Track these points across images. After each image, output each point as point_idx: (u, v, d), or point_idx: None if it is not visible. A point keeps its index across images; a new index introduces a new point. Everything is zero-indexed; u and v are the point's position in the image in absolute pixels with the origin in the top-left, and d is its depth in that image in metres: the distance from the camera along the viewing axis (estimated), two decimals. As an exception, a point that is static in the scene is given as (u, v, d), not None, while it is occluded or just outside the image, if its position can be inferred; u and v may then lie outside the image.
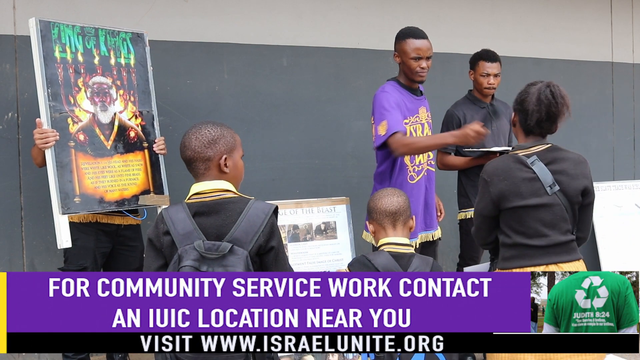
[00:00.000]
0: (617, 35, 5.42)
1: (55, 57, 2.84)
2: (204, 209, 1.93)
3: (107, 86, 3.01)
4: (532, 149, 2.44)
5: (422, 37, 3.14)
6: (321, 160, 4.31)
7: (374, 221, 2.49)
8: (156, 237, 1.94)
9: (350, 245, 3.44)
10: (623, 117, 5.46)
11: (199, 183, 1.99)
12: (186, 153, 1.99)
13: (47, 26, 2.84)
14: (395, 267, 2.32)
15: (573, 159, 2.43)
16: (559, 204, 2.37)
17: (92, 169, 2.89)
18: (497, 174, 2.42)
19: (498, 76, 3.75)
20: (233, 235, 1.89)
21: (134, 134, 3.08)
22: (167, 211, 1.95)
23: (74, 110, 2.87)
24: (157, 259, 1.95)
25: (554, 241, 2.36)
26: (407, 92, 3.19)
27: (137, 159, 3.07)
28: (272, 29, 4.19)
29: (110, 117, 3.00)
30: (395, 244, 2.42)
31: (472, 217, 3.70)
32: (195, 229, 1.90)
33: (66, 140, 2.83)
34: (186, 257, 1.86)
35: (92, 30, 3.00)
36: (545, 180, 2.36)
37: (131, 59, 3.13)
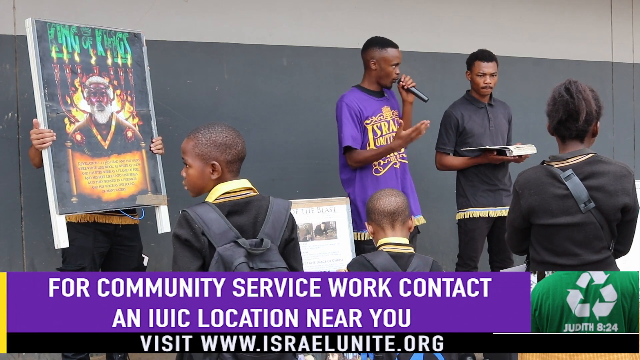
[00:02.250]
0: (617, 35, 5.42)
1: (51, 57, 2.83)
2: (237, 208, 1.98)
3: (104, 86, 3.00)
4: (569, 160, 2.25)
5: (396, 46, 3.47)
6: (321, 160, 4.31)
7: (372, 222, 2.47)
8: (194, 238, 1.92)
9: (350, 246, 3.44)
10: (623, 117, 5.46)
11: (225, 183, 2.02)
12: (243, 152, 2.07)
13: (44, 26, 2.83)
14: (394, 267, 2.31)
15: (614, 173, 2.20)
16: (593, 222, 2.19)
17: (89, 169, 2.88)
18: (528, 187, 2.27)
19: (494, 75, 3.76)
20: (264, 231, 1.97)
21: (132, 133, 3.07)
22: (195, 212, 1.93)
23: (70, 110, 2.86)
24: (195, 259, 1.93)
25: (584, 261, 2.18)
26: (369, 96, 3.49)
27: (134, 158, 3.06)
28: (272, 29, 4.19)
29: (107, 117, 2.99)
30: (394, 244, 2.41)
31: (470, 217, 3.75)
32: (230, 228, 1.93)
33: (63, 140, 2.82)
34: (236, 255, 1.88)
35: (89, 31, 2.99)
36: (579, 197, 2.17)
37: (128, 59, 3.11)
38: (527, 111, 4.75)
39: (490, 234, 3.80)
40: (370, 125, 3.43)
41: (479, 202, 3.73)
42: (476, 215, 3.73)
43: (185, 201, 2.70)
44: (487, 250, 3.91)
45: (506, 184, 3.78)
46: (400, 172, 3.49)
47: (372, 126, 3.43)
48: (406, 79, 3.44)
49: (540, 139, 3.79)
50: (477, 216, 3.73)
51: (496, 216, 3.73)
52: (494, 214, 3.73)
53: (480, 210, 3.72)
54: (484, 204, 3.73)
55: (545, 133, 2.45)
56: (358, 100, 3.44)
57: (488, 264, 3.92)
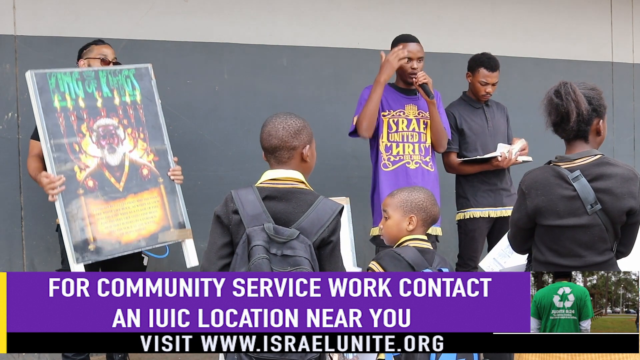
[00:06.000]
0: (617, 35, 5.42)
1: (55, 107, 2.77)
2: (275, 194, 2.01)
3: (113, 127, 2.92)
4: (576, 161, 2.22)
5: (413, 40, 3.48)
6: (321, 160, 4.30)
7: (420, 220, 2.48)
8: (225, 215, 2.01)
9: (351, 245, 3.44)
10: (623, 117, 5.45)
11: (274, 170, 2.08)
12: (272, 141, 2.07)
13: (44, 77, 2.77)
14: (422, 261, 2.35)
15: (621, 176, 2.18)
16: (599, 224, 2.18)
17: (104, 213, 2.82)
18: (535, 187, 2.25)
19: (495, 85, 3.76)
20: (301, 224, 1.97)
21: (147, 171, 2.99)
22: (237, 192, 2.02)
23: (79, 157, 2.81)
24: (224, 235, 2.01)
25: (588, 262, 2.19)
26: (394, 91, 3.51)
27: (152, 196, 2.97)
28: (272, 29, 4.19)
29: (119, 158, 2.92)
30: (420, 239, 2.47)
31: (471, 217, 3.75)
32: (264, 211, 1.97)
33: (74, 188, 2.77)
34: (257, 238, 1.92)
35: (92, 73, 2.91)
36: (586, 199, 2.16)
37: (137, 95, 3.02)
38: (527, 111, 4.74)
39: (490, 234, 3.80)
40: (386, 118, 3.44)
41: (480, 202, 3.73)
42: (476, 216, 3.73)
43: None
44: (487, 250, 3.90)
45: (506, 184, 3.78)
46: (415, 174, 3.43)
47: (388, 119, 3.45)
48: (419, 75, 3.40)
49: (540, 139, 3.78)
50: (478, 216, 3.72)
51: (496, 216, 3.73)
52: (494, 214, 3.73)
53: (480, 211, 3.72)
54: (485, 204, 3.73)
55: (545, 133, 2.45)
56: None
57: (488, 264, 3.92)
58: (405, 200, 2.49)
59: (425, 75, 3.39)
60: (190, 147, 3.96)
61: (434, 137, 3.49)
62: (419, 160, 3.45)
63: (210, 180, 4.02)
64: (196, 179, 3.97)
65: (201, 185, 3.99)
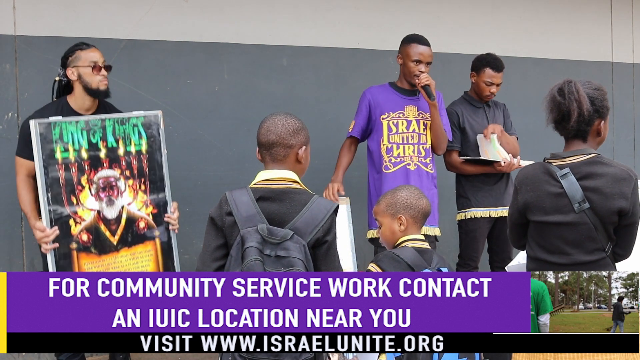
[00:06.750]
0: (617, 35, 5.42)
1: (56, 158, 2.75)
2: (269, 195, 2.01)
3: (114, 179, 2.89)
4: (568, 159, 2.23)
5: (425, 43, 3.47)
6: (321, 160, 4.31)
7: (409, 217, 2.47)
8: (219, 217, 2.02)
9: (351, 245, 3.44)
10: (623, 117, 5.46)
11: (268, 170, 2.09)
12: (270, 137, 2.08)
13: (48, 127, 2.74)
14: (421, 261, 2.35)
15: (613, 176, 2.16)
16: (587, 223, 2.16)
17: (95, 268, 2.80)
18: (525, 183, 2.28)
19: (500, 85, 3.76)
20: (295, 224, 1.97)
21: (144, 224, 2.97)
22: (232, 194, 2.03)
23: (76, 210, 2.78)
24: (218, 237, 2.02)
25: (575, 261, 2.19)
26: (394, 92, 3.53)
27: (146, 249, 2.96)
28: (272, 29, 4.19)
29: (117, 211, 2.89)
30: (417, 239, 2.48)
31: (471, 217, 3.75)
32: (258, 212, 1.98)
33: (68, 242, 2.76)
34: (250, 239, 1.92)
35: (98, 122, 2.86)
36: (573, 197, 2.16)
37: (142, 144, 2.96)
38: (527, 111, 4.74)
39: (490, 234, 3.80)
40: (385, 121, 3.48)
41: (480, 202, 3.73)
42: (477, 216, 3.73)
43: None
44: (487, 250, 3.91)
45: (507, 184, 3.79)
46: (414, 175, 3.45)
47: (388, 122, 3.47)
48: (422, 76, 3.39)
49: (540, 139, 3.79)
50: (479, 216, 3.73)
51: (497, 216, 3.73)
52: (495, 214, 3.73)
53: (481, 211, 3.73)
54: (485, 204, 3.73)
55: (545, 133, 2.45)
56: (380, 93, 3.52)
57: (488, 264, 3.92)
58: (389, 204, 2.50)
59: (429, 77, 3.39)
60: (190, 147, 3.96)
61: (434, 139, 3.50)
62: (418, 162, 3.47)
63: (210, 180, 4.01)
64: (196, 179, 3.97)
65: (201, 185, 3.99)
